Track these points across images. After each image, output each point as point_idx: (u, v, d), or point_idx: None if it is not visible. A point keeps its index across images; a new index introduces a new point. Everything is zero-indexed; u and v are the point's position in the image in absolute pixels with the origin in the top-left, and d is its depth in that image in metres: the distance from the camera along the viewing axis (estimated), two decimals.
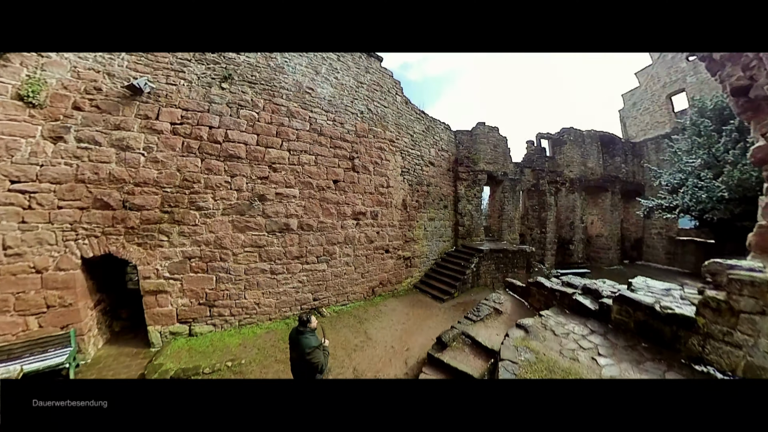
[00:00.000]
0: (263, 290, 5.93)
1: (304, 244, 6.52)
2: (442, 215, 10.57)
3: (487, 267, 9.58)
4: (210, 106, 5.38)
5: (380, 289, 8.33)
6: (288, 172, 6.26)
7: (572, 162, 13.67)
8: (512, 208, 12.40)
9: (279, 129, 6.16)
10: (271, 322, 5.98)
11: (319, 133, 6.78)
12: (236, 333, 5.44)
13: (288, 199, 6.25)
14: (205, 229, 5.32)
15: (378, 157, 8.24)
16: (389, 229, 8.63)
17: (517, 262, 9.92)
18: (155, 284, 4.93)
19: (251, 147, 5.80)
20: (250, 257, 5.79)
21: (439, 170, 10.50)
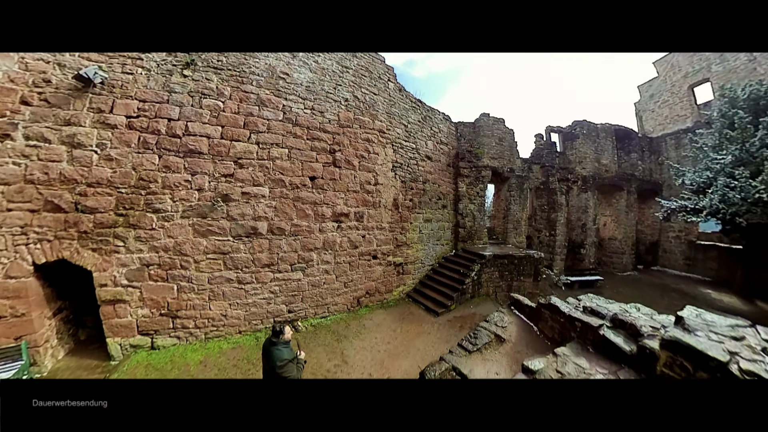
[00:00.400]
0: (230, 301, 5.46)
1: (275, 251, 5.93)
2: (440, 216, 9.74)
3: (490, 274, 8.73)
4: (170, 97, 4.96)
5: (367, 299, 7.63)
6: (256, 169, 5.66)
7: (585, 158, 12.78)
8: (519, 209, 11.54)
9: (247, 119, 5.58)
10: (241, 335, 5.55)
11: (294, 123, 6.13)
12: (201, 347, 5.04)
13: (256, 199, 5.66)
14: (163, 233, 4.91)
15: (364, 150, 7.44)
16: (377, 232, 7.86)
17: (524, 269, 9.08)
18: (112, 293, 4.62)
19: (214, 141, 5.27)
20: (213, 265, 5.30)
21: (438, 165, 9.66)
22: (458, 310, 7.62)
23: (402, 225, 8.45)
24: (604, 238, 13.96)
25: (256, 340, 5.39)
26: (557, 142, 13.00)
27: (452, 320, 7.05)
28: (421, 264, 9.17)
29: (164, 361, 4.58)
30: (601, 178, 12.87)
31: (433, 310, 7.49)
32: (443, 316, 7.30)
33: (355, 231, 7.34)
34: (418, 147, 8.97)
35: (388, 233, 8.11)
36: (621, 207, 13.38)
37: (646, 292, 10.73)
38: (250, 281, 5.66)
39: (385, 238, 8.07)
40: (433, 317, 7.25)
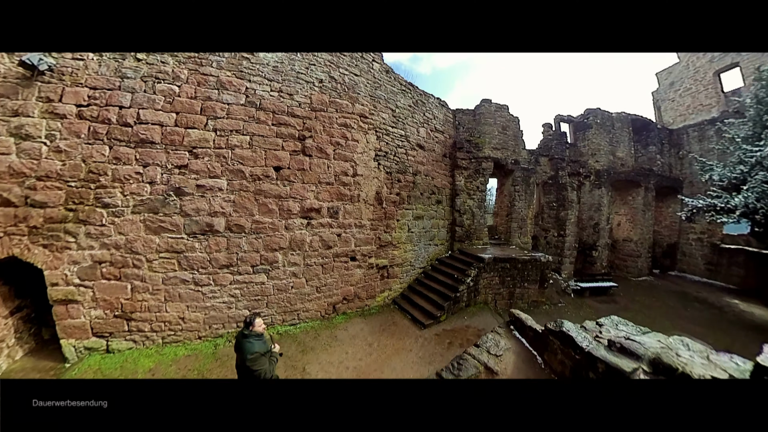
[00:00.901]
0: (187, 304, 5.18)
1: (234, 250, 5.51)
2: (433, 212, 8.88)
3: (489, 280, 7.87)
4: (121, 83, 4.78)
5: (344, 306, 6.95)
6: (213, 158, 5.28)
7: (598, 150, 11.84)
8: (524, 205, 10.60)
9: (204, 105, 5.26)
10: (201, 341, 5.28)
11: (258, 107, 5.68)
12: (156, 353, 4.83)
13: (212, 192, 5.29)
14: (114, 229, 4.74)
15: (341, 137, 6.70)
16: (356, 231, 7.09)
17: (529, 275, 8.21)
18: (64, 292, 4.51)
19: (168, 129, 4.99)
20: (167, 264, 5.04)
21: (431, 155, 8.77)
22: (450, 321, 6.76)
23: (386, 222, 7.62)
24: (617, 239, 13.09)
25: (215, 347, 5.10)
26: (568, 133, 12.11)
27: (441, 334, 6.18)
28: (411, 266, 8.33)
29: (115, 366, 4.40)
30: (616, 172, 11.93)
31: (419, 321, 6.64)
32: (431, 328, 6.45)
33: (328, 229, 6.65)
34: (407, 134, 8.10)
35: (369, 232, 7.30)
36: (638, 205, 12.43)
37: (666, 301, 9.83)
38: (207, 283, 5.30)
39: (366, 237, 7.27)
40: (418, 329, 6.40)
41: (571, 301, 9.37)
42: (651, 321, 8.04)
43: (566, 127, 12.24)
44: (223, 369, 4.59)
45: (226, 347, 5.13)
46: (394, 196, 7.73)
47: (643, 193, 12.24)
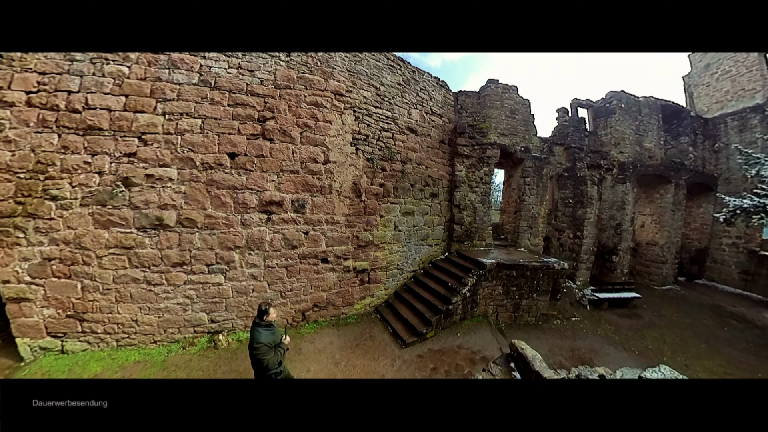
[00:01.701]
0: (139, 305, 4.98)
1: (187, 247, 5.16)
2: (427, 207, 7.96)
3: (491, 290, 6.95)
4: (70, 66, 4.59)
5: (315, 313, 6.33)
6: (162, 145, 4.98)
7: (623, 140, 10.75)
8: (535, 201, 9.62)
9: (154, 86, 4.96)
10: (157, 345, 5.11)
11: (213, 86, 5.27)
12: (108, 356, 4.73)
13: (161, 182, 4.99)
14: (62, 224, 4.59)
15: (310, 117, 6.00)
16: (328, 228, 6.30)
17: (539, 285, 7.21)
18: (16, 290, 4.44)
19: (116, 114, 4.77)
20: (117, 261, 4.84)
21: (426, 141, 7.84)
22: (438, 338, 5.87)
23: (366, 218, 6.74)
24: (640, 242, 12.15)
25: (168, 354, 4.92)
26: (587, 119, 11.09)
27: (425, 355, 5.30)
28: (398, 270, 7.48)
29: (63, 369, 4.35)
30: (643, 165, 10.83)
31: (401, 337, 5.77)
32: (414, 347, 5.58)
33: (292, 225, 5.94)
34: (395, 116, 7.20)
35: (344, 229, 6.47)
36: (666, 204, 11.34)
37: (697, 316, 8.82)
38: (159, 282, 5.05)
39: (340, 236, 6.45)
40: (399, 348, 5.55)
41: (587, 314, 8.39)
42: (683, 343, 7.04)
43: (585, 114, 11.23)
44: None
45: (179, 355, 4.89)
46: (377, 187, 6.83)
47: (673, 190, 11.15)
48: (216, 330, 5.41)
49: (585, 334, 7.07)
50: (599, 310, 8.75)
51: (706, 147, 12.34)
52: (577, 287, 9.82)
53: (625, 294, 9.32)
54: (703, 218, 12.34)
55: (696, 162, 11.95)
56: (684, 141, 11.80)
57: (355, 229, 6.59)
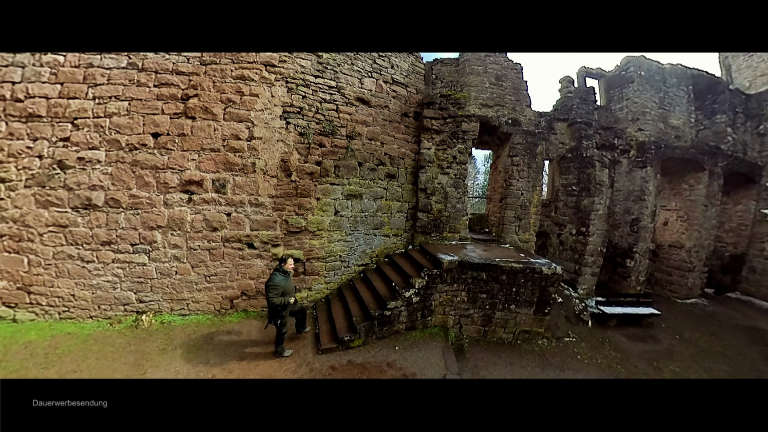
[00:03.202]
0: (75, 280, 5.94)
1: (113, 226, 6.04)
2: (381, 190, 8.00)
3: (451, 296, 6.60)
4: (13, 58, 5.56)
5: (245, 302, 6.77)
6: (91, 129, 5.89)
7: (643, 114, 10.21)
8: (526, 186, 9.22)
9: (86, 72, 5.86)
10: (93, 320, 6.02)
11: (140, 68, 6.05)
12: (49, 327, 5.68)
13: (91, 164, 5.90)
14: (10, 203, 5.62)
15: (235, 92, 6.43)
16: (252, 210, 6.58)
17: (520, 293, 6.60)
18: None
19: (53, 101, 5.75)
20: (55, 239, 5.84)
21: (383, 114, 7.91)
22: (368, 349, 5.78)
23: (298, 201, 6.91)
24: (661, 243, 11.71)
25: (98, 328, 5.77)
26: (597, 90, 10.70)
27: (339, 368, 5.29)
28: (341, 262, 7.62)
29: (6, 335, 5.28)
30: (668, 147, 10.27)
31: (320, 340, 5.81)
32: (332, 355, 5.57)
33: (213, 206, 6.37)
34: (340, 85, 7.32)
35: (270, 212, 6.71)
36: (697, 197, 10.72)
37: (729, 341, 8.07)
38: (91, 260, 5.97)
39: (266, 219, 6.70)
40: (313, 353, 5.61)
41: (587, 333, 7.75)
42: None
43: (595, 83, 10.87)
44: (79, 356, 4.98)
45: (104, 330, 5.71)
46: (312, 165, 6.98)
47: (707, 179, 10.53)
48: (143, 310, 6.19)
49: (578, 363, 6.44)
50: (604, 329, 8.20)
51: (748, 129, 11.80)
52: (579, 296, 9.48)
53: (640, 309, 8.77)
54: (741, 217, 11.73)
55: (735, 146, 11.36)
56: (720, 120, 11.17)
57: (285, 212, 6.79)
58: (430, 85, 9.09)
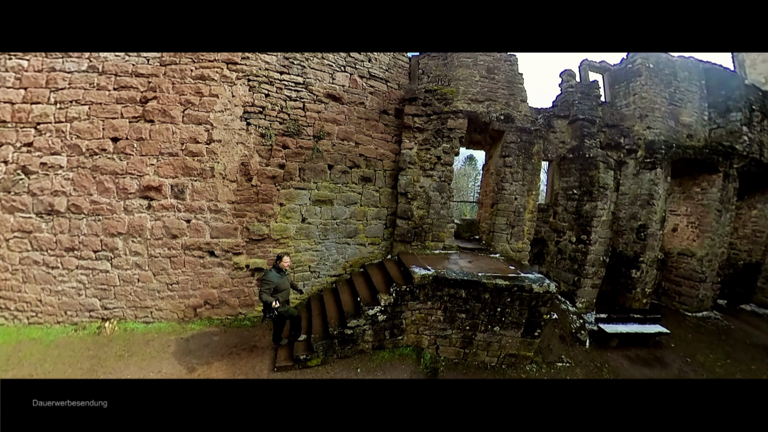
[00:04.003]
0: (42, 286, 6.49)
1: (75, 232, 6.57)
2: (354, 195, 8.26)
3: (426, 314, 6.61)
4: None
5: (208, 311, 7.21)
6: (53, 134, 6.40)
7: (652, 111, 10.23)
8: (520, 189, 9.23)
9: (49, 76, 6.37)
10: (60, 325, 6.56)
11: (100, 71, 6.52)
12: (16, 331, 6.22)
13: (53, 170, 6.42)
14: None
15: (194, 93, 6.80)
16: (211, 217, 6.91)
17: (506, 313, 6.52)
18: None
19: (17, 106, 6.25)
20: (21, 244, 6.36)
21: (357, 112, 8.15)
22: (327, 370, 5.94)
23: (260, 207, 7.20)
24: (670, 251, 11.77)
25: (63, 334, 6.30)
26: (601, 85, 10.76)
27: None
28: (311, 272, 7.93)
29: None
30: (680, 147, 10.35)
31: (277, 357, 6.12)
32: (287, 373, 5.82)
33: (173, 213, 6.74)
34: (308, 81, 7.55)
35: (230, 218, 7.03)
36: (710, 201, 10.80)
37: (748, 363, 8.03)
38: (56, 266, 6.51)
39: (226, 227, 7.02)
40: (269, 370, 5.85)
41: (584, 356, 7.74)
42: None
43: (599, 78, 10.94)
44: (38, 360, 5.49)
45: (68, 336, 6.24)
46: (274, 168, 7.25)
47: (721, 182, 10.59)
48: (107, 317, 6.74)
49: None
50: (603, 350, 8.16)
51: (765, 128, 11.68)
52: (577, 311, 9.57)
53: (646, 327, 8.74)
54: (756, 223, 11.91)
55: (751, 147, 11.26)
56: (735, 118, 11.04)
57: (246, 219, 7.11)
58: (415, 80, 9.26)
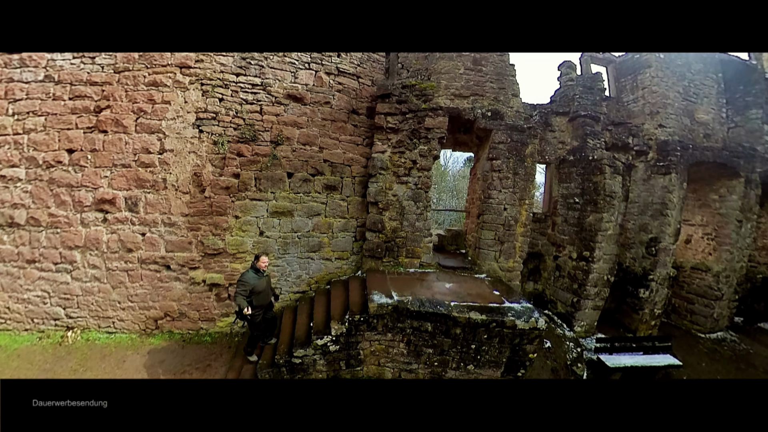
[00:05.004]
0: (9, 293, 7.49)
1: (35, 245, 7.50)
2: (318, 206, 8.74)
3: (386, 346, 6.81)
4: None
5: (169, 323, 8.07)
6: (12, 146, 7.27)
7: (664, 106, 10.44)
8: (510, 198, 9.15)
9: (7, 87, 7.21)
10: (28, 332, 7.61)
11: (56, 81, 7.39)
12: None
13: (13, 182, 7.33)
14: None
15: (147, 101, 7.56)
16: (165, 230, 7.73)
17: (483, 351, 6.58)
18: None
19: None
20: None
21: (323, 112, 8.67)
22: None
23: (214, 220, 7.95)
24: (682, 266, 11.97)
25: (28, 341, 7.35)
26: (606, 78, 11.12)
27: None
28: None
29: None
30: (697, 148, 10.53)
31: None
32: None
33: (128, 226, 7.59)
34: (266, 81, 8.17)
35: (185, 232, 7.82)
36: (729, 210, 10.97)
37: None
38: (19, 276, 7.49)
39: (180, 240, 7.81)
40: None
41: None
42: None
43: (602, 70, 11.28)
44: None
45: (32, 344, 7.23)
46: (228, 178, 7.97)
47: (742, 188, 10.75)
48: (72, 326, 7.73)
49: None
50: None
51: None
52: (575, 335, 9.64)
53: (655, 358, 8.77)
54: None
55: None
56: (755, 116, 11.19)
57: (200, 232, 7.90)
58: (394, 76, 9.52)
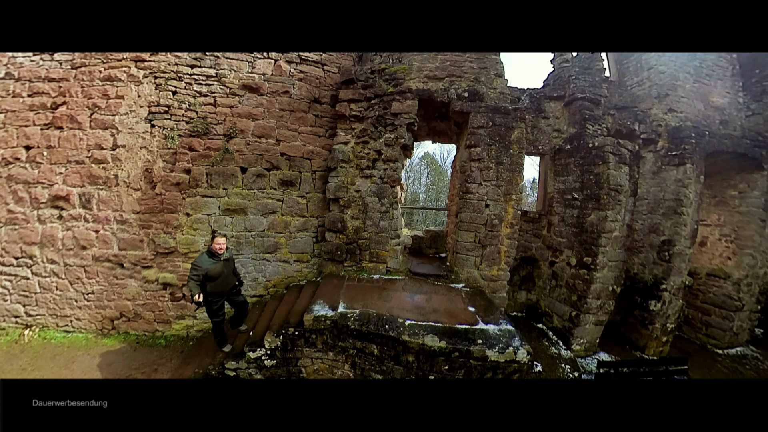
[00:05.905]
0: None
1: None
2: (274, 203, 9.44)
3: (330, 365, 6.86)
4: None
5: (126, 324, 9.05)
6: None
7: (674, 88, 10.30)
8: (495, 193, 8.93)
9: None
10: None
11: (16, 78, 8.50)
12: None
13: None
14: None
15: (102, 96, 8.60)
16: (117, 227, 8.80)
17: None
18: None
19: None
20: None
21: (280, 102, 9.33)
22: None
23: (165, 217, 8.93)
24: (697, 272, 11.83)
25: None
26: (607, 61, 11.17)
27: None
28: None
29: None
30: (714, 136, 10.31)
31: None
32: None
33: (82, 223, 8.74)
34: (221, 73, 9.08)
35: (137, 229, 8.85)
36: (751, 208, 10.76)
37: None
38: None
39: (132, 238, 8.85)
40: None
41: None
42: None
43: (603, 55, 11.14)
44: None
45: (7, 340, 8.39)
46: (179, 174, 8.94)
47: (765, 182, 10.50)
48: (30, 324, 8.79)
49: None
50: None
51: None
52: (573, 355, 9.51)
53: None
54: None
55: None
56: None
57: (152, 230, 8.92)
58: (367, 62, 10.05)
